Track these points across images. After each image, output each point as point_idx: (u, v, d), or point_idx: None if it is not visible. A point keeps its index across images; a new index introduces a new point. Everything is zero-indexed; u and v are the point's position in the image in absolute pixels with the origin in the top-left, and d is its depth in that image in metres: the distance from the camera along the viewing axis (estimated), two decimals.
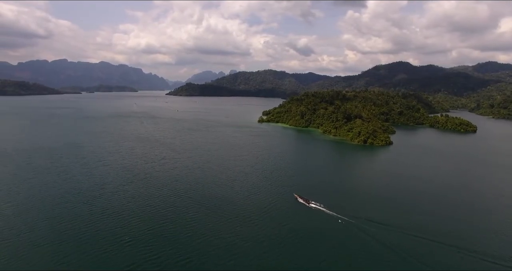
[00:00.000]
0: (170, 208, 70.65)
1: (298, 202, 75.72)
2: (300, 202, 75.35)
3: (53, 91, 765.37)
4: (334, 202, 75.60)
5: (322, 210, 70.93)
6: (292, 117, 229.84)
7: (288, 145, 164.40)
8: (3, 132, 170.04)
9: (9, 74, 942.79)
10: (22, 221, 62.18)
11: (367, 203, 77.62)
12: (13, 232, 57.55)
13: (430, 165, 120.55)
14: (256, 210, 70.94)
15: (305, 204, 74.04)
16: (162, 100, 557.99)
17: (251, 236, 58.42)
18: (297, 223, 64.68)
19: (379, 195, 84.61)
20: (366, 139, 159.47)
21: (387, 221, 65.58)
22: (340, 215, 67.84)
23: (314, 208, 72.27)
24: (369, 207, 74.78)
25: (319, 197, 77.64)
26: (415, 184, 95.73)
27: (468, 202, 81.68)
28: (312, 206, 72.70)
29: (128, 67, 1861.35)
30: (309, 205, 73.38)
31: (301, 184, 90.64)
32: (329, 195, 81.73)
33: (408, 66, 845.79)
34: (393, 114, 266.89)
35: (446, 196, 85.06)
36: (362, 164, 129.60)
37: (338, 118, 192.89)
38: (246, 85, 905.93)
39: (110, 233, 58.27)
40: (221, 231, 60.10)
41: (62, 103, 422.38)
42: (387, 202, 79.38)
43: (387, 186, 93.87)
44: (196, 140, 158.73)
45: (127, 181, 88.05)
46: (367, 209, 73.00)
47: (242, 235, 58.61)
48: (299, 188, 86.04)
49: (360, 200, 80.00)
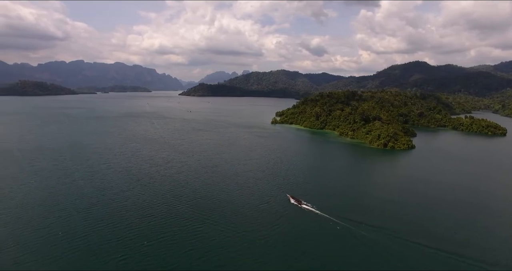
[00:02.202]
0: (171, 218, 63.84)
1: (290, 203, 74.17)
2: (292, 203, 73.86)
3: (70, 92, 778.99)
4: (342, 206, 69.59)
5: (315, 212, 69.08)
6: (306, 118, 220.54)
7: (303, 148, 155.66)
8: (13, 133, 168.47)
9: (30, 75, 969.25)
10: (9, 232, 56.64)
11: (376, 209, 72.59)
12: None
13: (458, 171, 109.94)
14: (266, 220, 63.19)
15: (296, 204, 72.79)
16: (174, 101, 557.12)
17: (261, 252, 50.83)
18: (301, 227, 56.82)
19: (393, 200, 79.08)
20: (387, 142, 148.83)
21: (391, 228, 62.39)
22: (341, 221, 62.66)
23: (306, 209, 70.75)
24: (376, 212, 70.73)
25: (332, 203, 70.42)
26: (438, 191, 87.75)
27: (492, 212, 73.36)
28: (304, 207, 71.47)
29: (142, 67, 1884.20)
30: (300, 205, 72.19)
31: (318, 194, 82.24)
32: (345, 201, 73.49)
33: (425, 66, 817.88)
34: (412, 116, 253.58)
35: (470, 204, 76.85)
36: (381, 169, 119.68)
37: (355, 120, 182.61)
38: (259, 85, 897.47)
39: (100, 246, 52.10)
40: (231, 248, 52.74)
41: (76, 104, 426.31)
42: (398, 208, 74.75)
43: (404, 192, 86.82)
44: (206, 142, 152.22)
45: (128, 187, 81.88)
46: (374, 214, 68.91)
47: (252, 252, 51.09)
48: (316, 197, 77.68)
49: (367, 205, 75.84)
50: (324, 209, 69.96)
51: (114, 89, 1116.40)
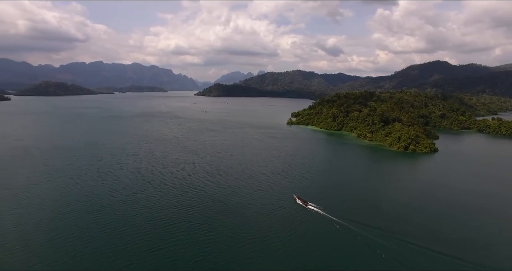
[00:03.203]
0: (180, 223, 61.10)
1: (296, 203, 73.00)
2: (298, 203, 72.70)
3: (89, 92, 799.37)
4: (358, 211, 63.91)
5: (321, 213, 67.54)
6: (323, 119, 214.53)
7: (320, 149, 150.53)
8: (33, 132, 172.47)
9: (52, 76, 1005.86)
10: (18, 234, 55.53)
11: (394, 214, 67.28)
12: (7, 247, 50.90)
13: (485, 177, 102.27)
14: (280, 227, 59.45)
15: (303, 205, 71.37)
16: (190, 101, 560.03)
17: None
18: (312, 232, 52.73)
19: (410, 205, 74.61)
20: (408, 145, 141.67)
21: (404, 233, 59.64)
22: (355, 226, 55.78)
23: (310, 209, 69.48)
24: (392, 218, 65.14)
25: (347, 207, 65.55)
26: (463, 198, 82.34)
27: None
28: (309, 208, 70.06)
29: (158, 68, 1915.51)
30: (306, 206, 70.82)
31: (333, 197, 77.75)
32: (361, 205, 68.68)
33: (445, 66, 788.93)
34: (434, 118, 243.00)
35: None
36: (401, 172, 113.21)
37: (374, 121, 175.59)
38: (274, 86, 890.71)
39: (107, 250, 50.15)
40: (242, 257, 49.47)
41: (94, 103, 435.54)
42: (415, 214, 70.66)
43: (425, 198, 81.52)
44: (220, 143, 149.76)
45: (139, 189, 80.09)
46: (390, 219, 64.04)
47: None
48: (331, 201, 73.26)
49: (382, 209, 71.59)
50: (335, 211, 65.95)
51: (131, 89, 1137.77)
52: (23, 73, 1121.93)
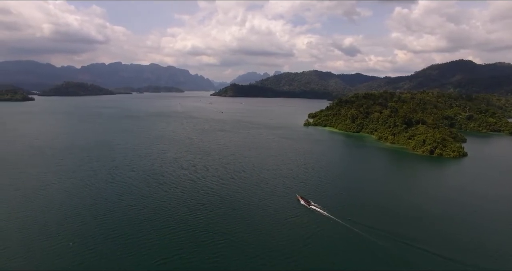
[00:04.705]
0: (189, 232, 56.87)
1: (300, 203, 71.67)
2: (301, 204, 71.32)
3: (108, 92, 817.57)
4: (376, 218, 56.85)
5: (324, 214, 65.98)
6: (341, 121, 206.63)
7: (338, 152, 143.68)
8: (50, 131, 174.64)
9: (74, 77, 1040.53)
10: (22, 238, 53.01)
11: (416, 222, 58.62)
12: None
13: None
14: (296, 237, 54.20)
15: (305, 205, 70.28)
16: (206, 101, 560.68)
17: None
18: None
19: (433, 213, 65.94)
20: (433, 149, 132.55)
21: (420, 240, 53.25)
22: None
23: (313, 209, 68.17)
24: (416, 226, 57.18)
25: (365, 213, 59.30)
26: (495, 206, 74.53)
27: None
28: (312, 208, 68.96)
29: (175, 68, 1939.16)
30: (309, 206, 69.78)
31: (351, 202, 71.63)
32: (380, 212, 62.23)
33: (469, 65, 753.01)
34: (459, 119, 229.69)
35: None
36: (425, 178, 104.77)
37: (396, 123, 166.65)
38: (290, 86, 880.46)
39: (111, 258, 46.79)
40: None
41: (111, 103, 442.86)
42: (438, 223, 64.58)
43: (451, 205, 73.74)
44: (235, 144, 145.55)
45: (149, 192, 76.78)
46: (413, 227, 54.58)
47: None
48: (357, 215, 67.22)
49: (401, 216, 62.88)
50: (346, 217, 59.75)
51: (148, 89, 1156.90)
52: (47, 75, 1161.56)
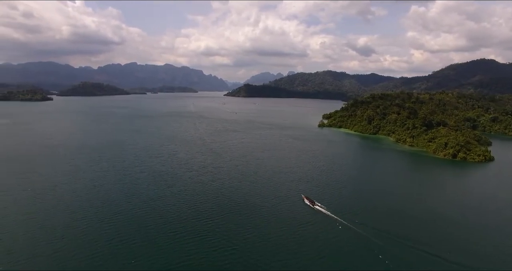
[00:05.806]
0: (197, 239, 53.73)
1: (304, 203, 71.18)
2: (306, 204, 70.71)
3: (123, 92, 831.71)
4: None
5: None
6: (357, 122, 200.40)
7: (354, 154, 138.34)
8: (64, 131, 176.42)
9: (91, 77, 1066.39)
10: (27, 242, 51.33)
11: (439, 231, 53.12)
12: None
13: None
14: (307, 247, 50.31)
15: (310, 205, 69.65)
16: (219, 101, 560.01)
17: None
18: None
19: (454, 220, 58.63)
20: (456, 152, 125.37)
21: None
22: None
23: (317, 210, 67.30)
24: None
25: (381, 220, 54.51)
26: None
27: None
28: (316, 208, 68.11)
29: (189, 69, 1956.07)
30: (313, 206, 69.01)
31: (366, 207, 66.90)
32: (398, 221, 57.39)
33: (491, 65, 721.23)
34: (483, 121, 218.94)
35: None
36: (447, 183, 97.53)
37: (415, 125, 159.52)
38: (304, 86, 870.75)
39: (115, 263, 44.03)
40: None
41: (126, 103, 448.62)
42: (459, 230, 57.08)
43: (467, 209, 66.54)
44: (248, 145, 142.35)
45: (158, 195, 74.43)
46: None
47: None
48: (367, 212, 62.61)
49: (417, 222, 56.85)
50: (357, 222, 55.18)
51: (162, 89, 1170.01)
52: (66, 75, 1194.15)
